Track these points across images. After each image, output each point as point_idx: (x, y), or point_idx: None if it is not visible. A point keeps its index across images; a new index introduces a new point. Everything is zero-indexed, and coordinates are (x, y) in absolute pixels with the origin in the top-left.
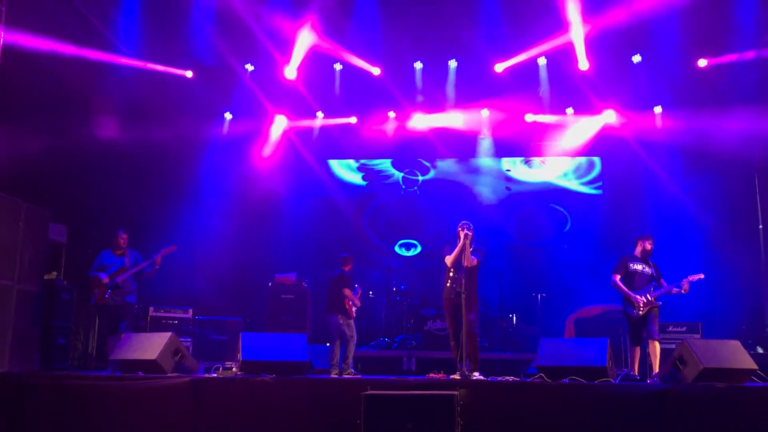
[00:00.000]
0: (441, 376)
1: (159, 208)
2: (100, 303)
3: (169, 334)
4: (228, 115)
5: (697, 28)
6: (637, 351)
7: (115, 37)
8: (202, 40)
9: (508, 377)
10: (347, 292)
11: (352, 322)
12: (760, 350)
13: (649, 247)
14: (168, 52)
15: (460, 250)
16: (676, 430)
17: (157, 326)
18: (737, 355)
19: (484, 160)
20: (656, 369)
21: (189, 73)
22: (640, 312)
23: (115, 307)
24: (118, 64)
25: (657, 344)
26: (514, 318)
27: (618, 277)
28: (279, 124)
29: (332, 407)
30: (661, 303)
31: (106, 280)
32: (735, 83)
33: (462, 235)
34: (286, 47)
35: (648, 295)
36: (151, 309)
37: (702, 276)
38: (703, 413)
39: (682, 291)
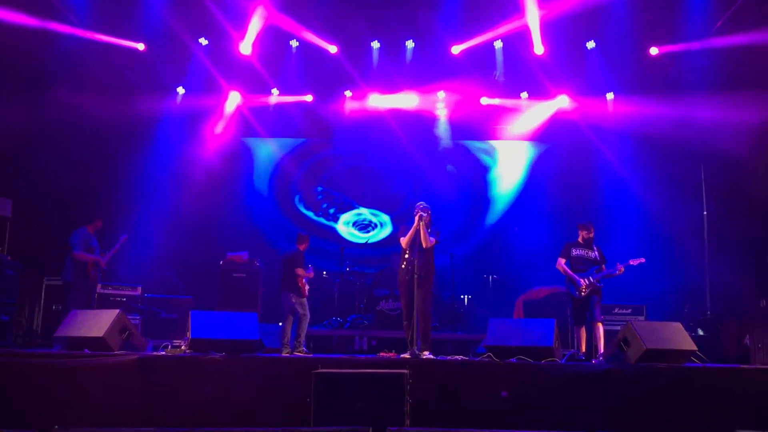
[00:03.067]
0: (392, 355)
1: (108, 183)
2: (91, 285)
3: (116, 311)
4: (181, 90)
5: (650, 17)
6: (583, 331)
7: (63, 6)
8: (155, 12)
9: (457, 356)
10: (299, 271)
11: (305, 300)
12: (700, 332)
13: (587, 235)
14: (119, 23)
15: (415, 232)
16: (619, 408)
17: (105, 304)
18: (679, 337)
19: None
20: (601, 349)
21: (141, 46)
22: (582, 293)
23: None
24: (67, 34)
25: (600, 325)
26: (466, 299)
27: (563, 261)
28: (233, 100)
29: (283, 385)
30: (602, 285)
31: (104, 262)
32: (685, 72)
33: (417, 217)
34: (241, 22)
35: (590, 278)
36: (99, 286)
37: (643, 260)
38: (646, 392)
39: (619, 271)
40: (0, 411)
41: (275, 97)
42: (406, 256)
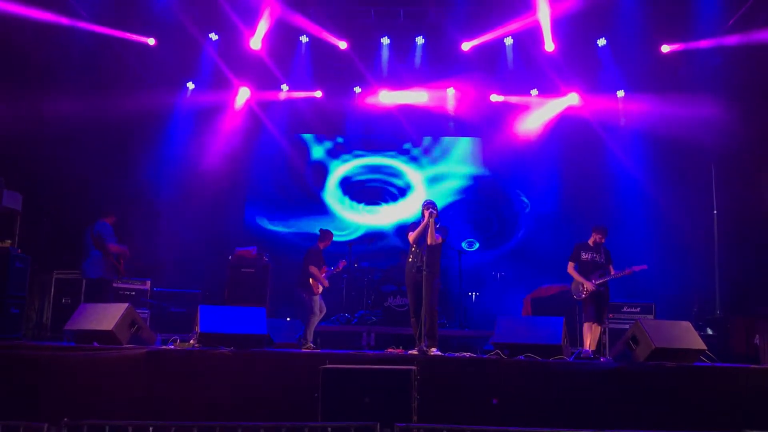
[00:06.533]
0: (399, 351)
1: (118, 177)
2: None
3: (125, 305)
4: (190, 85)
5: (661, 14)
6: (586, 327)
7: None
8: (165, 6)
9: (465, 353)
10: (312, 269)
11: (315, 298)
12: (710, 332)
13: (600, 239)
14: (129, 18)
15: (424, 228)
16: (627, 407)
17: (114, 297)
18: (688, 336)
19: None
20: (591, 347)
21: (151, 41)
22: (583, 295)
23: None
24: (77, 28)
25: (599, 328)
26: (473, 296)
27: (572, 265)
28: (243, 95)
29: (291, 381)
30: (602, 289)
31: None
32: (696, 70)
33: (426, 214)
34: (251, 17)
35: (593, 281)
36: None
37: (645, 267)
38: (654, 391)
39: (626, 273)
40: (10, 403)
41: (285, 92)
42: (413, 250)
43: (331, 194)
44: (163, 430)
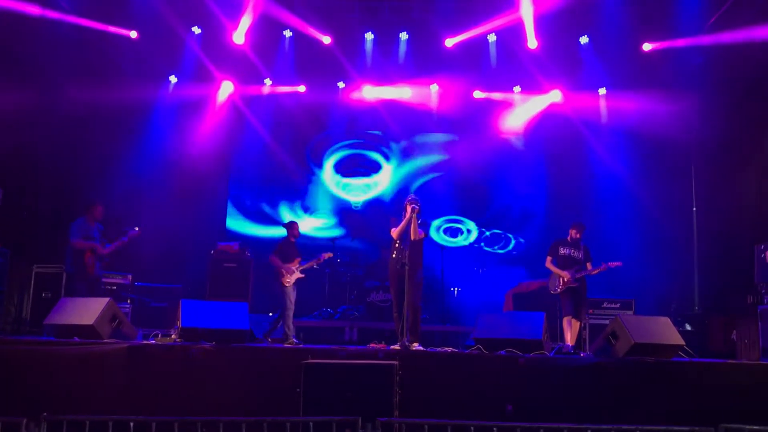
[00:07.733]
0: (382, 346)
1: (98, 171)
2: (89, 273)
3: (106, 299)
4: (173, 79)
5: (643, 12)
6: (566, 322)
7: None
8: None
9: (447, 348)
10: (272, 258)
11: (287, 290)
12: (688, 327)
13: (575, 235)
14: (112, 10)
15: (407, 224)
16: (606, 402)
17: (89, 292)
18: (666, 332)
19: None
20: (571, 342)
21: (134, 34)
22: (558, 289)
23: (96, 279)
24: (59, 20)
25: (578, 323)
26: (455, 291)
27: (550, 259)
28: (225, 90)
29: (272, 376)
30: (577, 284)
31: (105, 251)
32: (678, 68)
33: (409, 209)
34: (235, 11)
35: (569, 275)
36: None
37: (620, 263)
38: (633, 386)
39: (601, 269)
40: None
41: (268, 87)
42: (397, 245)
43: (328, 177)
44: (144, 425)
